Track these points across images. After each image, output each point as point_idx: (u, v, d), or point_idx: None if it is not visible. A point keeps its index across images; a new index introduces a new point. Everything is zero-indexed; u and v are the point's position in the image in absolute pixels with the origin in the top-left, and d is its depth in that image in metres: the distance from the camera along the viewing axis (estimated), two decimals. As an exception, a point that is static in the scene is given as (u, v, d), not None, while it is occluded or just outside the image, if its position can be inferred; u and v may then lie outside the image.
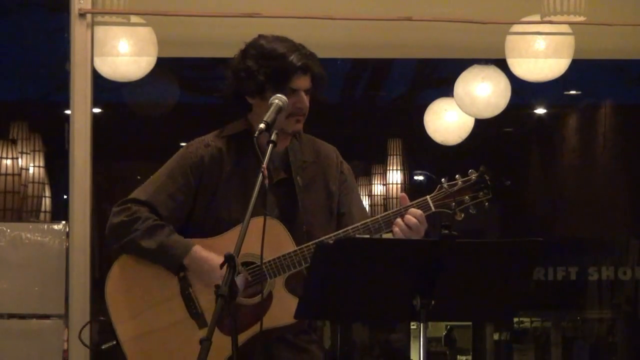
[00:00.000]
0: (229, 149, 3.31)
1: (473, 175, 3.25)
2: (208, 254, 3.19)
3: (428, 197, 3.25)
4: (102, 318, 3.36)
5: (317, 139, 3.44)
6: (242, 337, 3.14)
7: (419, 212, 3.21)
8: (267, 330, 3.15)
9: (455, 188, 3.24)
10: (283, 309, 3.15)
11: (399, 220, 3.21)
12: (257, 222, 3.02)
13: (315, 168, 3.38)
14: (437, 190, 3.26)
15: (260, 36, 3.33)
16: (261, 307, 3.16)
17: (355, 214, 3.39)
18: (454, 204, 3.23)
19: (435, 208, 3.23)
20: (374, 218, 3.24)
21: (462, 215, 3.23)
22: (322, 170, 3.39)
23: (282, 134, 3.15)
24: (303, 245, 3.21)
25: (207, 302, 3.19)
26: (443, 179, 3.26)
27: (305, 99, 3.28)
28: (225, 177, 3.28)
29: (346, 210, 3.40)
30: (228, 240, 3.14)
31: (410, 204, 3.23)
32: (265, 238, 3.03)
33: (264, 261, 3.17)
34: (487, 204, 3.25)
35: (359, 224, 3.23)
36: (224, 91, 3.36)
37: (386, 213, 3.25)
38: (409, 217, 3.20)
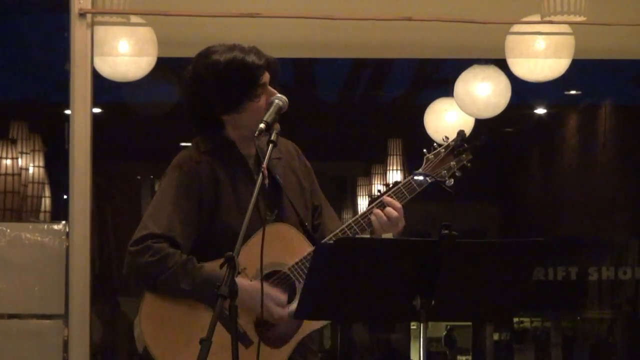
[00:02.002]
0: (217, 162, 3.28)
1: (451, 141, 3.34)
2: (241, 280, 3.07)
3: (420, 170, 3.33)
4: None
5: None
6: (289, 348, 3.16)
7: (398, 205, 3.26)
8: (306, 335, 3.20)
9: (441, 156, 3.32)
10: None
11: (377, 210, 3.24)
12: (273, 230, 3.09)
13: (283, 164, 3.37)
14: (425, 162, 3.33)
15: (203, 55, 3.26)
16: None
17: (325, 208, 3.44)
18: (444, 171, 3.32)
19: (430, 179, 3.30)
20: (351, 220, 3.27)
21: (452, 181, 3.32)
22: (289, 166, 3.39)
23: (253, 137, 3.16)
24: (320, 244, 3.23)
25: (246, 320, 3.15)
26: (425, 150, 3.34)
27: (274, 91, 3.25)
28: (221, 194, 3.25)
29: (318, 203, 3.43)
30: (245, 255, 3.05)
31: (406, 180, 3.30)
32: (280, 244, 3.10)
33: (288, 267, 3.19)
34: (469, 164, 3.34)
35: (339, 230, 3.25)
36: (193, 116, 3.30)
37: (367, 209, 3.28)
38: (388, 210, 3.24)
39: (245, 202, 3.06)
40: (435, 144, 3.36)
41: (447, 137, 3.35)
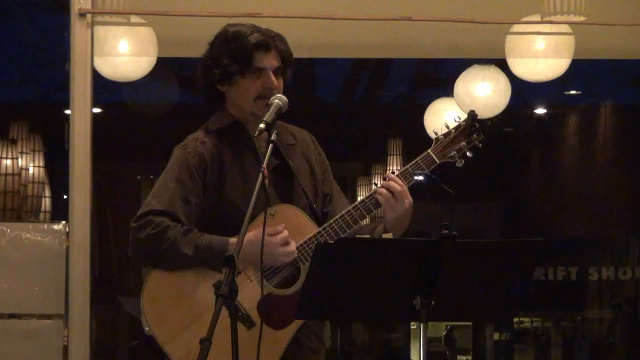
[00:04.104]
0: (222, 143, 3.30)
1: (462, 122, 3.34)
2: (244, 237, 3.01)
3: (429, 150, 3.30)
4: (136, 342, 3.32)
5: (288, 124, 3.42)
6: (291, 331, 3.17)
7: (400, 182, 3.24)
8: None
9: (451, 137, 3.32)
10: None
11: (381, 189, 3.23)
12: (279, 210, 3.11)
13: (297, 150, 3.39)
14: (434, 143, 3.32)
15: (227, 25, 3.35)
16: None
17: (336, 197, 3.43)
18: (454, 152, 3.30)
19: (439, 160, 3.29)
20: (357, 202, 3.26)
21: (462, 162, 3.30)
22: (302, 152, 3.40)
23: (253, 118, 3.18)
24: (326, 224, 3.22)
25: (249, 302, 3.14)
26: (435, 131, 3.31)
27: (273, 78, 3.26)
28: (227, 174, 3.27)
29: (329, 191, 3.43)
30: (251, 234, 3.06)
31: (414, 160, 3.28)
32: (286, 225, 3.11)
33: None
34: (480, 145, 3.32)
35: (345, 211, 3.25)
36: (197, 85, 3.37)
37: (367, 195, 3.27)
38: (391, 184, 3.22)
39: (251, 183, 3.06)
40: (446, 124, 3.34)
41: (459, 117, 3.34)
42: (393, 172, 3.29)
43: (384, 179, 3.27)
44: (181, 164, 3.26)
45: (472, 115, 3.34)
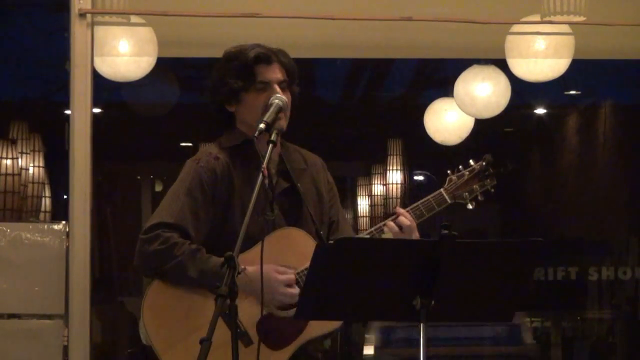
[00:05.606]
0: (234, 162, 3.30)
1: (477, 165, 3.34)
2: (248, 268, 3.07)
3: (442, 190, 3.31)
4: (130, 350, 3.30)
5: (300, 148, 3.44)
6: (289, 352, 3.17)
7: (409, 217, 3.26)
8: (307, 341, 3.19)
9: (464, 179, 3.33)
10: None
11: (389, 222, 3.25)
12: (285, 233, 3.11)
13: (307, 175, 3.39)
14: (447, 182, 3.33)
15: (231, 47, 3.36)
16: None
17: (342, 224, 3.43)
18: (466, 194, 3.32)
19: (450, 200, 3.30)
20: (365, 233, 3.30)
21: (474, 204, 3.30)
22: (312, 178, 3.40)
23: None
24: None
25: (248, 320, 3.15)
26: (449, 171, 3.31)
27: (279, 90, 3.26)
28: (237, 192, 3.26)
29: (335, 219, 3.42)
30: (256, 255, 3.06)
31: (426, 198, 3.29)
32: (291, 248, 3.13)
33: (297, 271, 3.19)
34: (492, 190, 3.34)
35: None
36: (209, 107, 3.37)
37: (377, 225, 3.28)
38: (401, 219, 3.25)
39: (258, 204, 3.06)
40: (460, 167, 3.35)
41: (473, 161, 3.35)
42: (404, 207, 3.30)
43: (394, 213, 3.28)
44: (193, 177, 3.26)
45: (487, 159, 3.34)
